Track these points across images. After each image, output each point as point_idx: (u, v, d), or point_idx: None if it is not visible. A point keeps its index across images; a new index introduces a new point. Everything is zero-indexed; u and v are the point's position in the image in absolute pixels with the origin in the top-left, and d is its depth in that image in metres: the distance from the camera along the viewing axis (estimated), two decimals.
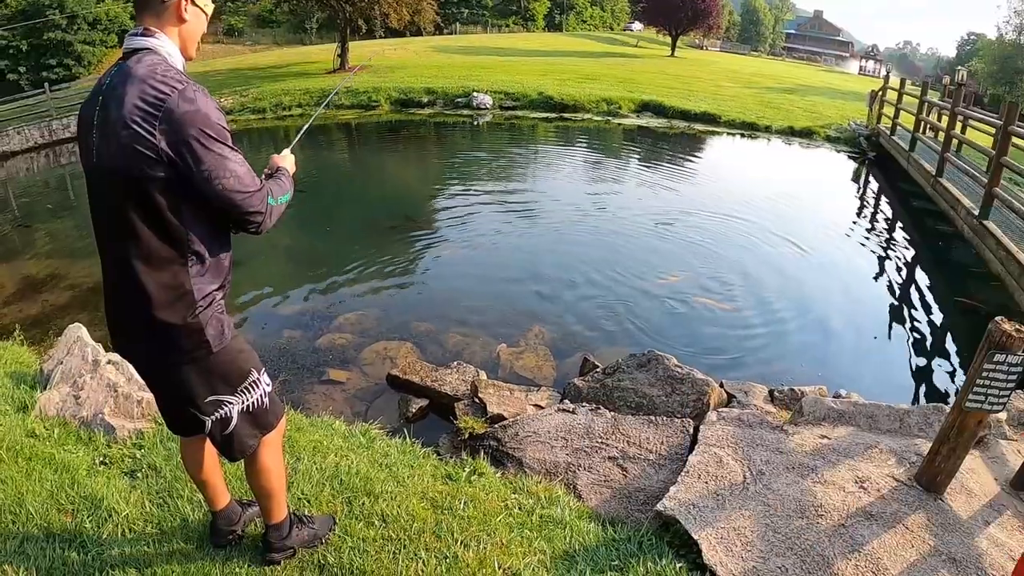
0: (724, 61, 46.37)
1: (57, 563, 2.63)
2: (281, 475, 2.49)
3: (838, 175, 15.72)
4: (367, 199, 12.36)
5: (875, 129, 17.42)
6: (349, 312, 6.98)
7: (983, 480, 3.41)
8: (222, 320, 2.13)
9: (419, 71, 27.39)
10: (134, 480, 3.21)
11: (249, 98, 23.45)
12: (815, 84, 32.60)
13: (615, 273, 8.07)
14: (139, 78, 1.86)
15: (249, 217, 2.02)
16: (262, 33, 57.38)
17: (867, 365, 6.33)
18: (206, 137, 1.87)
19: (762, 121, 19.54)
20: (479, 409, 4.60)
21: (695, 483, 3.18)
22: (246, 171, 1.99)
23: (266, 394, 2.31)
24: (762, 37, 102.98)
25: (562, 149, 17.27)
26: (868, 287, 8.34)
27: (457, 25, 64.18)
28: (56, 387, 4.11)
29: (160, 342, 2.05)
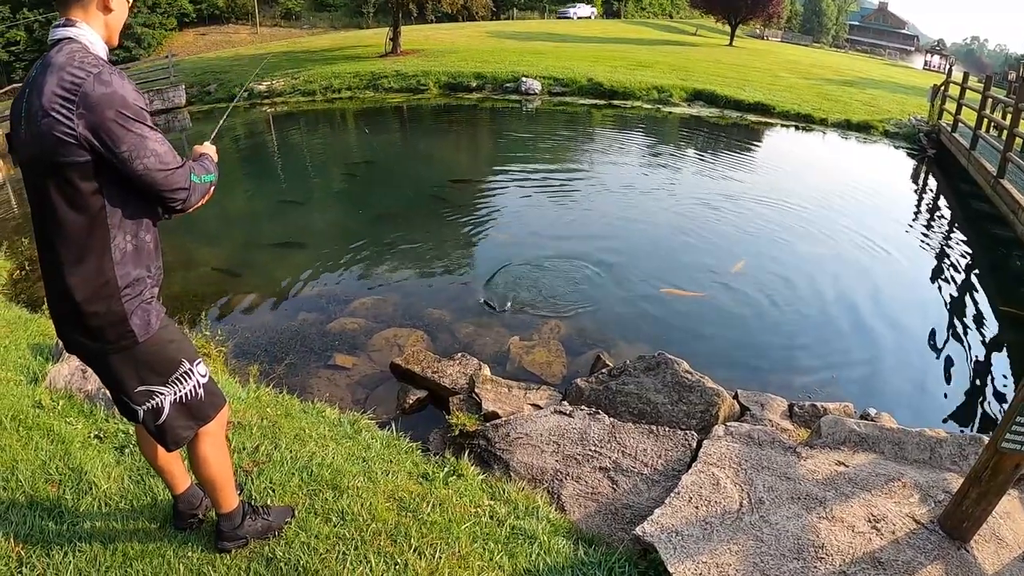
0: (783, 51, 44.90)
1: (35, 531, 2.71)
2: (224, 466, 2.48)
3: (894, 172, 14.95)
4: (405, 182, 12.22)
5: (936, 125, 16.54)
6: (366, 296, 6.87)
7: (1019, 527, 2.98)
8: (149, 310, 2.13)
9: (470, 55, 27.14)
10: (121, 456, 3.28)
11: (300, 80, 23.60)
12: (876, 77, 31.28)
13: (650, 266, 7.74)
14: (57, 66, 1.89)
15: (173, 194, 2.03)
16: (319, 17, 57.72)
17: (906, 382, 5.81)
18: (123, 118, 1.88)
19: (818, 113, 18.73)
20: (474, 405, 4.35)
21: (684, 507, 2.85)
22: (167, 149, 1.99)
23: (200, 385, 2.30)
24: (824, 28, 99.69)
25: (607, 136, 16.87)
26: (916, 294, 7.77)
27: (514, 11, 63.71)
28: (67, 361, 4.25)
29: (88, 331, 2.08)
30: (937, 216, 11.73)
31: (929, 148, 15.95)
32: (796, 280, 7.62)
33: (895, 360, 6.12)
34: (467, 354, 5.24)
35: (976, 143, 12.04)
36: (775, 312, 6.82)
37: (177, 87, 23.28)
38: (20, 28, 46.11)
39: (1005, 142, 9.80)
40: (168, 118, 21.67)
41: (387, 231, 9.10)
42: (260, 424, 3.65)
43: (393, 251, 8.18)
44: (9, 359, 4.60)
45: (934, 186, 13.88)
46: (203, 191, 2.16)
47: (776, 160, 14.70)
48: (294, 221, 9.81)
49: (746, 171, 13.19)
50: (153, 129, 1.96)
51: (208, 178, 2.19)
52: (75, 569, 2.53)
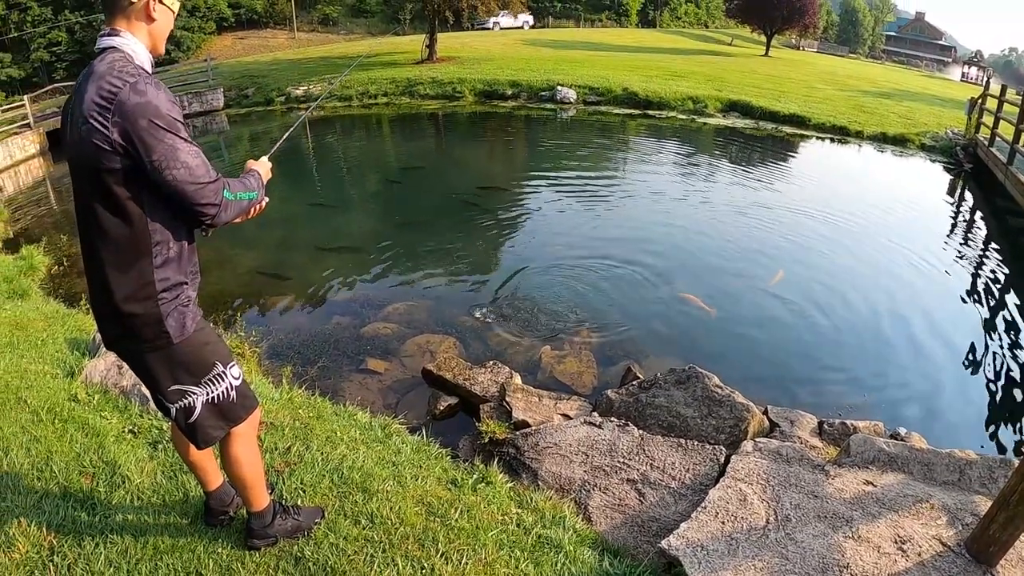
0: (820, 62, 44.43)
1: (67, 521, 2.78)
2: (255, 466, 2.52)
3: (930, 186, 14.69)
4: (440, 188, 12.37)
5: (973, 139, 16.23)
6: (399, 302, 6.96)
7: None
8: (185, 312, 2.18)
9: (505, 63, 27.30)
10: (154, 451, 3.36)
11: (336, 86, 23.89)
12: (913, 89, 30.79)
13: (684, 276, 7.77)
14: (98, 75, 1.94)
15: (202, 209, 2.03)
16: (356, 23, 58.44)
17: (938, 401, 5.73)
18: (155, 127, 1.91)
19: (853, 126, 18.49)
20: (504, 413, 4.41)
21: (710, 521, 2.88)
22: (199, 163, 2.00)
23: (233, 387, 2.34)
24: (861, 38, 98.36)
25: (642, 146, 16.83)
26: (951, 311, 7.65)
27: (550, 19, 63.88)
28: (103, 356, 4.32)
29: (125, 330, 2.14)
30: (973, 231, 11.53)
31: (966, 162, 15.65)
32: (830, 295, 7.56)
33: (928, 378, 6.06)
34: (499, 362, 5.29)
35: (1013, 157, 11.81)
36: (808, 326, 6.79)
37: (215, 90, 23.77)
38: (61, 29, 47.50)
39: None
40: (206, 120, 22.12)
41: (421, 237, 9.21)
42: (292, 425, 3.71)
43: (427, 257, 8.28)
44: (47, 353, 4.75)
45: (970, 201, 13.64)
46: (239, 209, 2.17)
47: (810, 172, 14.57)
48: (329, 225, 9.98)
49: (780, 183, 13.09)
50: (187, 141, 1.98)
51: (246, 196, 2.19)
52: (106, 560, 2.58)
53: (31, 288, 7.07)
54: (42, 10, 47.36)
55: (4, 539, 2.66)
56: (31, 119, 19.26)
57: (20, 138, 18.28)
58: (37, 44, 47.10)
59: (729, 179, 13.53)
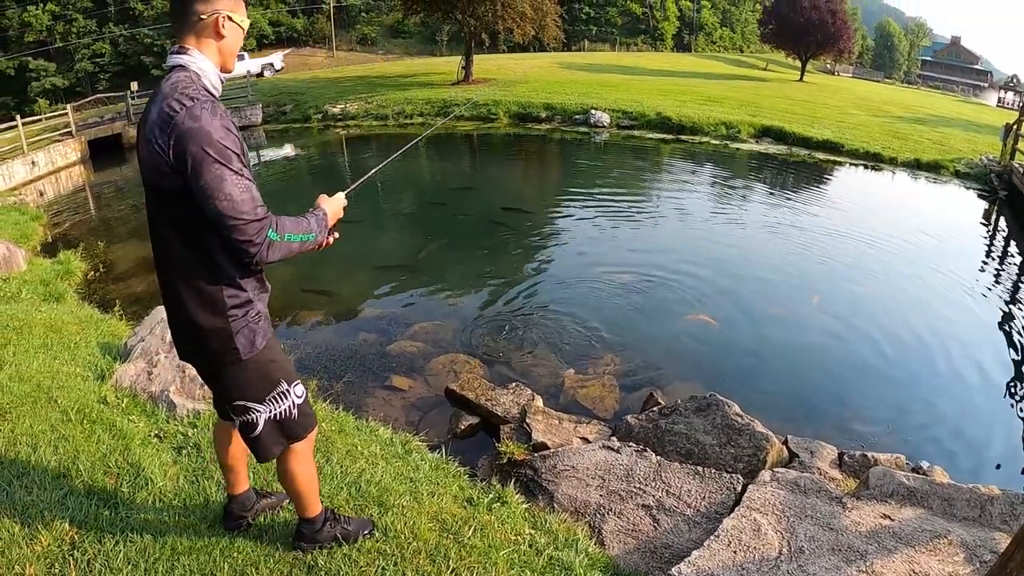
0: (854, 87, 44.13)
1: (90, 518, 2.84)
2: (310, 479, 2.56)
3: (963, 213, 14.47)
4: (473, 209, 12.48)
5: (1008, 165, 15.99)
6: (426, 320, 7.02)
7: None
8: (255, 329, 2.21)
9: (540, 86, 27.54)
10: (178, 456, 3.44)
11: (373, 105, 24.32)
12: (948, 115, 30.41)
13: (711, 301, 7.76)
14: (163, 95, 1.96)
15: (241, 244, 1.99)
16: (394, 43, 59.39)
17: (964, 434, 5.63)
18: (204, 155, 1.90)
19: (887, 152, 18.33)
20: (524, 435, 4.44)
21: (722, 550, 2.89)
22: (247, 198, 1.97)
23: (296, 406, 2.37)
24: (896, 63, 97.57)
25: (675, 170, 16.86)
26: (983, 342, 7.52)
27: (585, 42, 64.34)
28: (133, 361, 4.47)
29: (196, 344, 2.19)
30: (1007, 260, 11.35)
31: (1000, 189, 15.43)
32: (859, 323, 7.50)
33: (955, 411, 5.97)
34: (521, 384, 5.33)
35: None
36: (836, 354, 6.75)
37: (254, 106, 24.27)
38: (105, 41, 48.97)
39: None
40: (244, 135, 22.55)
41: (451, 256, 9.32)
42: None
43: (457, 277, 8.37)
44: (79, 355, 4.86)
45: (1005, 229, 13.42)
46: (288, 251, 2.11)
47: (842, 199, 14.45)
48: (363, 242, 10.12)
49: (811, 209, 13.02)
50: (236, 173, 1.95)
51: (297, 238, 2.13)
52: (124, 558, 2.63)
53: (67, 292, 7.23)
54: (87, 22, 49.01)
55: (28, 532, 2.73)
56: (73, 127, 19.89)
57: (62, 145, 18.84)
58: (81, 55, 48.71)
59: (760, 204, 13.51)
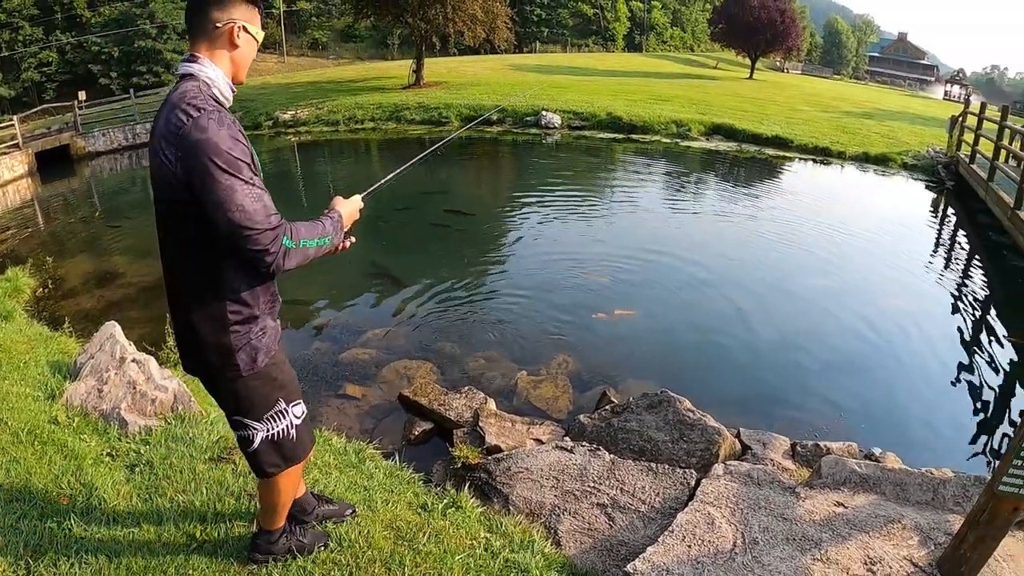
0: (803, 84, 45.02)
1: (44, 541, 2.79)
2: (290, 496, 2.55)
3: (912, 205, 14.81)
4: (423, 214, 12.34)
5: (954, 156, 16.43)
6: (378, 327, 6.92)
7: (1022, 570, 2.95)
8: (257, 347, 2.17)
9: (491, 88, 27.51)
10: (131, 474, 3.36)
11: (324, 110, 24.05)
12: (895, 109, 31.21)
13: (660, 303, 7.75)
14: (171, 105, 1.93)
15: (256, 255, 1.95)
16: (345, 48, 58.96)
17: (916, 420, 5.73)
18: (214, 167, 1.86)
19: (836, 146, 18.68)
20: (478, 438, 4.38)
21: (677, 545, 2.85)
22: (259, 207, 1.92)
23: (294, 426, 2.34)
24: (844, 60, 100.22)
25: (625, 170, 16.93)
26: (933, 329, 7.67)
27: (537, 44, 64.59)
28: (84, 379, 4.35)
29: (199, 357, 2.17)
30: (955, 248, 11.63)
31: (947, 180, 15.82)
32: (809, 315, 7.59)
33: (907, 397, 6.06)
34: (473, 388, 5.27)
35: (994, 174, 11.92)
36: (787, 346, 6.80)
37: None
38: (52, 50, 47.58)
39: (1022, 173, 9.73)
40: None
41: (402, 261, 9.20)
42: None
43: (408, 282, 8.24)
44: (29, 375, 4.72)
45: (952, 218, 13.76)
46: (304, 256, 2.07)
47: (792, 193, 14.65)
48: None
49: (761, 204, 13.18)
50: (247, 182, 1.91)
51: (313, 243, 2.10)
52: None
53: (15, 310, 6.99)
54: (33, 30, 47.50)
55: None
56: (20, 139, 19.26)
57: (8, 158, 18.22)
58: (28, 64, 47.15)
59: (710, 201, 13.64)
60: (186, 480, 3.26)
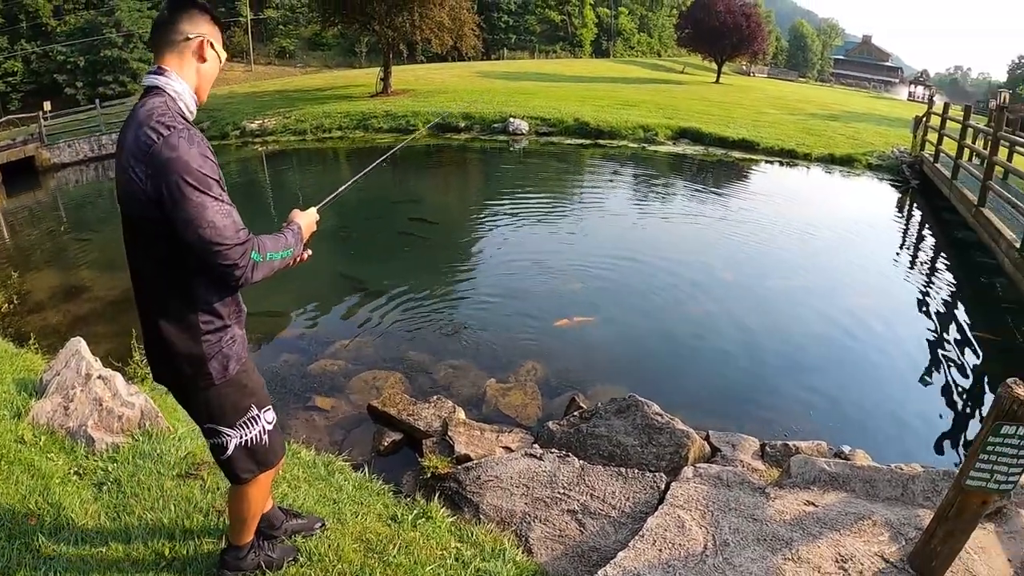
0: (769, 87, 45.60)
1: (12, 563, 2.75)
2: (259, 507, 2.56)
3: (878, 204, 15.05)
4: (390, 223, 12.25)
5: (918, 156, 16.74)
6: (347, 338, 6.84)
7: (994, 562, 2.95)
8: (228, 355, 2.20)
9: (458, 96, 27.46)
10: (99, 493, 3.32)
11: (292, 119, 23.81)
12: (860, 110, 31.75)
13: (628, 307, 7.73)
14: (138, 122, 1.95)
15: (226, 269, 1.99)
16: (312, 56, 58.52)
17: (885, 416, 5.78)
18: (185, 184, 1.89)
19: (801, 148, 18.93)
20: (447, 448, 4.34)
21: (647, 550, 2.83)
22: (229, 223, 1.96)
23: (266, 432, 2.38)
24: (810, 63, 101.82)
25: (592, 176, 17.02)
26: (900, 326, 7.77)
27: (504, 51, 64.69)
28: (50, 397, 4.27)
29: (170, 368, 2.19)
30: (921, 246, 11.81)
31: (912, 179, 16.10)
32: (778, 315, 7.64)
33: (876, 395, 6.11)
34: (442, 397, 5.23)
35: (957, 172, 12.15)
36: (755, 348, 6.82)
37: None
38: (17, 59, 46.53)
39: (985, 171, 9.92)
40: None
41: (369, 271, 9.11)
42: None
43: (375, 291, 8.16)
44: None
45: (918, 216, 13.99)
46: (270, 269, 2.13)
47: (758, 195, 14.78)
48: None
49: (728, 206, 13.29)
50: (216, 199, 1.94)
51: (278, 255, 2.16)
52: None
53: None
54: None
55: None
56: None
57: None
58: None
59: (678, 204, 13.74)
60: (154, 497, 3.22)
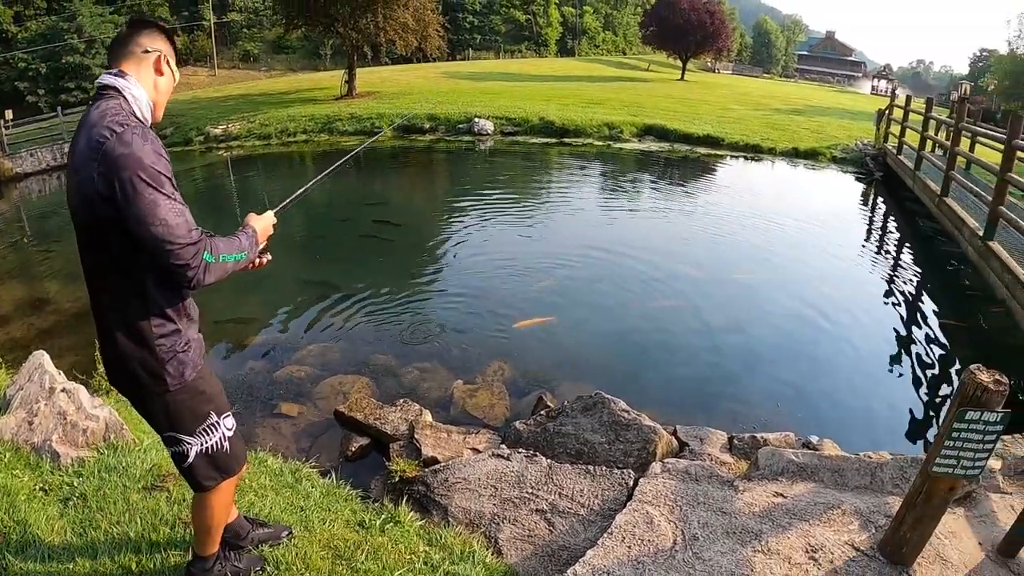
0: (734, 84, 46.15)
1: None
2: (223, 516, 2.52)
3: (842, 196, 15.28)
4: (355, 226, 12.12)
5: (882, 148, 17.01)
6: (313, 344, 6.73)
7: (964, 546, 2.96)
8: (184, 361, 2.17)
9: (423, 97, 27.37)
10: (65, 508, 3.27)
11: (256, 124, 23.53)
12: (824, 104, 32.27)
13: (596, 304, 7.71)
14: (91, 124, 1.93)
15: (178, 269, 1.97)
16: (277, 59, 57.92)
17: (854, 405, 5.84)
18: (137, 180, 1.87)
19: (766, 143, 19.18)
20: (414, 451, 4.27)
21: (616, 547, 2.79)
22: (181, 222, 1.94)
23: (227, 438, 2.34)
24: (774, 59, 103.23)
25: (558, 174, 17.05)
26: (866, 315, 7.85)
27: (470, 51, 64.61)
28: (13, 412, 4.18)
29: (126, 375, 2.15)
30: (886, 237, 11.98)
31: (876, 171, 16.36)
32: (744, 309, 7.67)
33: (845, 384, 6.16)
34: (409, 400, 5.17)
35: (920, 163, 12.36)
36: (722, 342, 6.84)
37: None
38: None
39: (947, 161, 10.10)
40: None
41: (334, 275, 9.01)
42: None
43: (340, 296, 8.06)
44: None
45: (882, 207, 14.19)
46: (223, 271, 2.10)
47: (724, 190, 14.94)
48: None
49: (694, 201, 13.40)
50: (169, 197, 1.92)
51: (231, 258, 2.13)
52: None
53: None
54: None
55: None
56: None
57: None
58: None
59: (643, 200, 13.81)
60: (120, 511, 3.17)
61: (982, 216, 8.17)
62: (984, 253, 7.51)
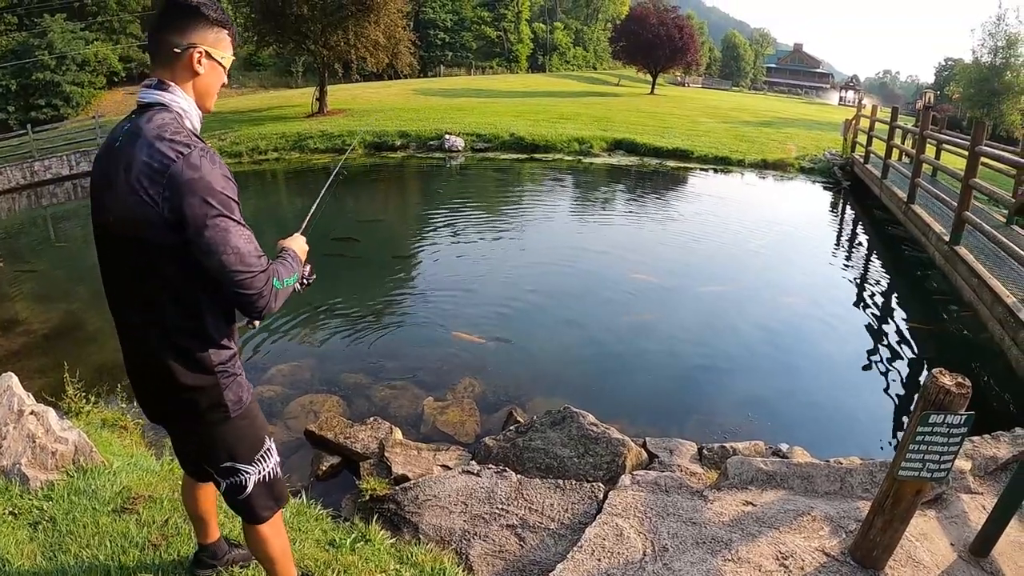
0: (704, 97, 46.75)
1: None
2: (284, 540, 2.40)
3: (811, 206, 15.52)
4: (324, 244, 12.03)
5: (849, 158, 17.29)
6: (283, 363, 6.64)
7: (936, 547, 2.98)
8: (242, 384, 2.09)
9: (395, 114, 27.34)
10: (34, 532, 3.22)
11: (227, 142, 23.30)
12: (792, 116, 32.82)
13: (565, 319, 7.73)
14: (147, 140, 1.77)
15: (250, 299, 1.87)
16: (248, 76, 57.52)
17: (824, 412, 5.88)
18: (208, 206, 1.75)
19: (735, 155, 19.45)
20: (385, 469, 4.23)
21: (586, 560, 2.77)
22: (251, 249, 1.85)
23: (278, 463, 2.27)
24: (743, 72, 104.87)
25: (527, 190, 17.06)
26: (836, 323, 7.93)
27: (441, 68, 64.82)
28: None
29: (180, 405, 2.01)
30: (855, 244, 12.14)
31: (844, 180, 16.63)
32: (714, 319, 7.71)
33: (815, 391, 6.22)
34: (379, 418, 5.13)
35: (887, 172, 12.57)
36: (692, 354, 6.87)
37: None
38: None
39: (913, 169, 10.29)
40: None
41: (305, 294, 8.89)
42: (171, 497, 3.55)
43: (310, 314, 7.98)
44: None
45: (851, 215, 14.40)
46: (285, 296, 2.03)
47: (693, 202, 15.06)
48: None
49: (663, 214, 13.48)
50: (239, 223, 1.82)
51: (290, 281, 2.07)
52: None
53: None
54: None
55: None
56: None
57: None
58: None
59: (612, 214, 13.86)
60: (90, 534, 3.11)
61: (948, 221, 8.31)
62: (951, 257, 7.62)
